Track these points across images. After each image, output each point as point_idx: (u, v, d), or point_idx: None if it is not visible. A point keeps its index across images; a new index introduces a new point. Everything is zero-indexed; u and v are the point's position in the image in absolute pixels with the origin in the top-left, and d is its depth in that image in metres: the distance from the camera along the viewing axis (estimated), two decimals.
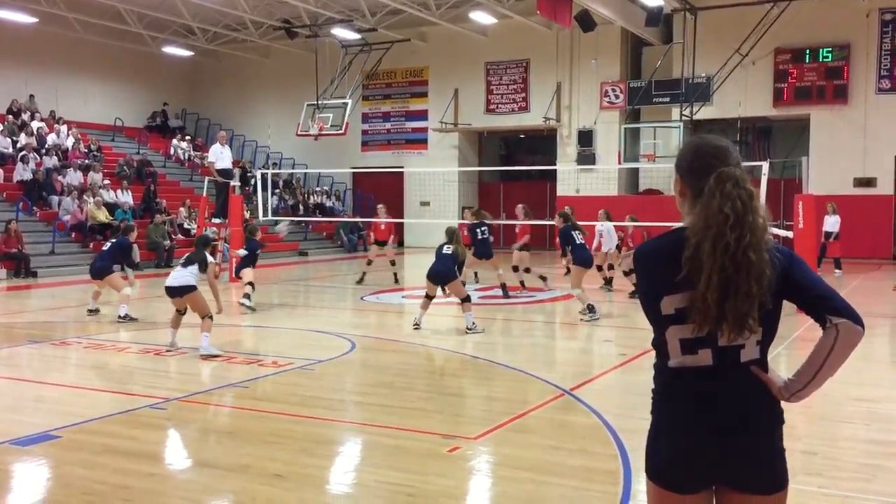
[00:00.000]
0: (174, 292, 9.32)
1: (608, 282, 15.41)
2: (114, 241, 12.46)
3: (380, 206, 17.94)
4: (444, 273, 10.75)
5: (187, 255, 9.69)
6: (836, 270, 18.24)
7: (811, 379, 2.36)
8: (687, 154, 2.47)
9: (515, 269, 15.18)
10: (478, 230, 14.39)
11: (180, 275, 9.34)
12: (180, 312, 9.51)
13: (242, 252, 13.25)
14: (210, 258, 9.66)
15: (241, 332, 10.78)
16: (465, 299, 10.80)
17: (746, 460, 2.36)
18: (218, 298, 9.76)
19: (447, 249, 10.84)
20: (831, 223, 18.89)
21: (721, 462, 2.37)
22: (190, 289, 9.24)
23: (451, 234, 11.10)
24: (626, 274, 14.61)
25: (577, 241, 11.88)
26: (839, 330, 2.28)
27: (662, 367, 2.46)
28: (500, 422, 6.28)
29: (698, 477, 2.41)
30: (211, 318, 9.19)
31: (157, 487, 4.92)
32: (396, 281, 16.81)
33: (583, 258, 11.91)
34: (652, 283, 2.43)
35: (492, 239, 14.81)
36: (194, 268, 9.36)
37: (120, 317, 11.57)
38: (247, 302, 12.61)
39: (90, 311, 12.23)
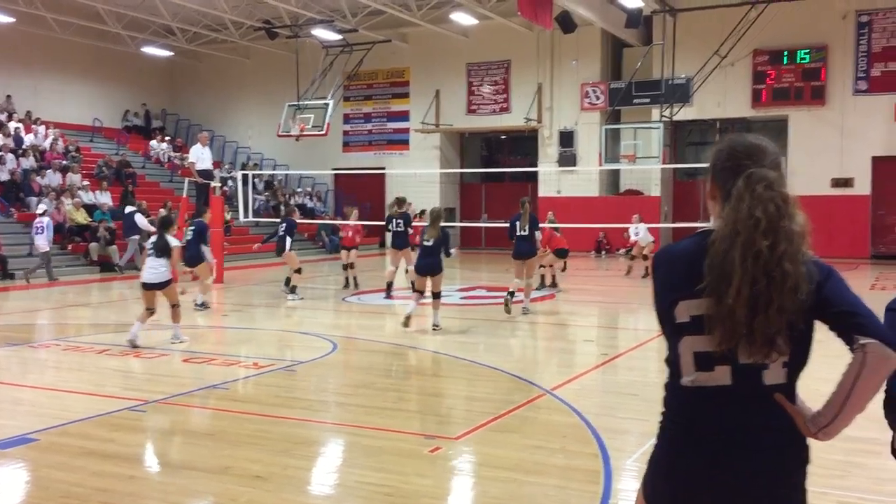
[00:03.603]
0: (157, 287, 9.42)
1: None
2: (192, 228, 12.64)
3: (347, 208, 18.01)
4: (430, 265, 10.81)
5: (154, 242, 9.57)
6: None
7: (838, 411, 2.06)
8: (719, 154, 2.23)
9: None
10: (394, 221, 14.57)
11: (160, 271, 9.38)
12: (152, 311, 9.56)
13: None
14: (174, 241, 9.62)
15: (222, 334, 10.72)
16: (438, 295, 10.93)
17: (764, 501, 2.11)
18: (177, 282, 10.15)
19: (428, 241, 10.79)
20: None
21: (734, 500, 2.12)
22: (169, 282, 9.50)
23: (435, 217, 10.97)
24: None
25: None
26: (866, 353, 1.98)
27: (673, 385, 2.20)
28: (481, 422, 6.29)
29: None
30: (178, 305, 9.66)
31: (136, 490, 4.90)
32: (356, 286, 16.03)
33: None
34: (668, 287, 2.18)
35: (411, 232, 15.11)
36: (164, 258, 9.41)
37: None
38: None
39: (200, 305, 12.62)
